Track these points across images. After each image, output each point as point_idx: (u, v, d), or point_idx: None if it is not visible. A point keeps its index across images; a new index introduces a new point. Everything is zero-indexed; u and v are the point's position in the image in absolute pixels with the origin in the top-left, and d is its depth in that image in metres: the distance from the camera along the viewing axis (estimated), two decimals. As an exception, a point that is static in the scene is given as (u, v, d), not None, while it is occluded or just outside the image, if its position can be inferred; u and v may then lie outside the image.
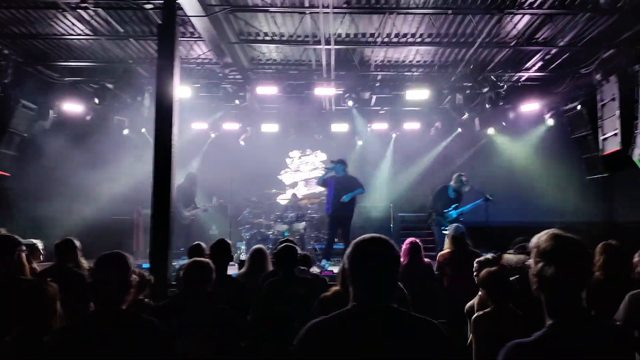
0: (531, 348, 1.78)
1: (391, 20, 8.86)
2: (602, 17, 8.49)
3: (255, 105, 12.84)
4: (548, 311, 1.87)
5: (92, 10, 8.67)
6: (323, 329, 1.88)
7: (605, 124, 8.95)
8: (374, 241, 1.96)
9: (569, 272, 1.82)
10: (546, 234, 1.92)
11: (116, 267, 2.50)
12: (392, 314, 1.89)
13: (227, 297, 3.94)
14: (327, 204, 9.41)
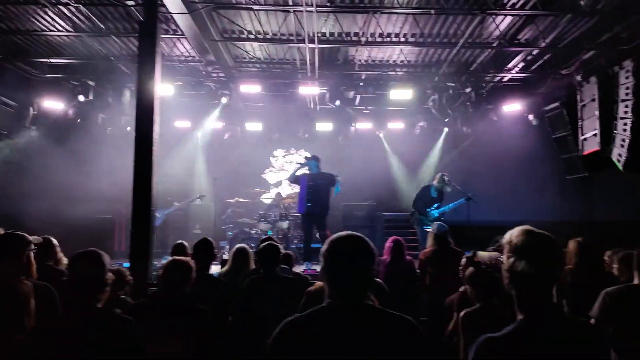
0: (501, 342, 1.80)
1: (375, 19, 8.88)
2: (583, 19, 8.60)
3: (240, 104, 12.79)
4: (519, 306, 1.89)
5: (73, 7, 8.58)
6: (297, 327, 1.87)
7: (585, 124, 9.07)
8: (350, 239, 1.95)
9: (540, 267, 1.84)
10: (518, 230, 1.94)
11: (91, 265, 2.47)
12: (367, 311, 1.88)
13: (208, 296, 3.91)
14: (300, 201, 8.98)
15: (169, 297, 3.23)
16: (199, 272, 3.94)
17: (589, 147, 8.95)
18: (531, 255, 1.86)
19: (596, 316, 3.48)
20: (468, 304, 3.67)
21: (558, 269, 1.89)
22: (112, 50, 10.51)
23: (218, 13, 8.96)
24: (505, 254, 1.97)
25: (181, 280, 3.33)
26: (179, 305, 3.17)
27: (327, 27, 9.37)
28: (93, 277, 2.44)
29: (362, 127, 13.46)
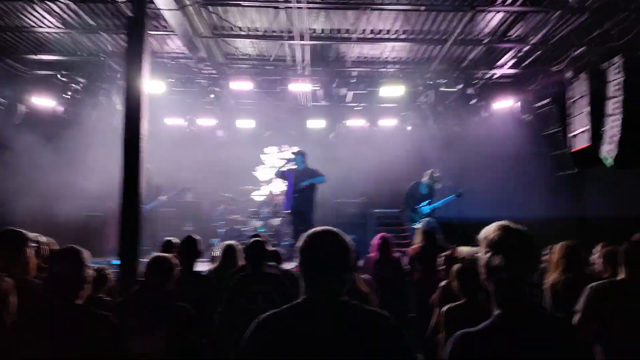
0: (477, 337, 1.81)
1: (366, 16, 8.86)
2: (573, 16, 8.60)
3: (231, 101, 12.77)
4: (495, 301, 1.89)
5: (62, 3, 8.52)
6: (272, 322, 1.86)
7: (575, 120, 9.10)
8: (325, 234, 1.94)
9: (515, 262, 1.84)
10: (494, 226, 1.95)
11: (70, 261, 2.45)
12: (342, 307, 1.87)
13: (193, 293, 3.90)
14: (286, 198, 8.93)
15: (151, 294, 3.21)
16: (184, 269, 3.93)
17: (579, 144, 8.98)
18: (507, 250, 1.86)
19: (581, 311, 3.49)
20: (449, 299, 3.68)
21: (533, 264, 1.90)
22: (103, 46, 10.44)
23: (208, 9, 8.91)
24: (482, 249, 1.98)
25: (163, 278, 3.31)
26: (160, 302, 3.15)
27: (317, 23, 9.35)
28: (72, 273, 2.43)
29: (354, 124, 13.45)
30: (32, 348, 2.29)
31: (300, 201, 8.65)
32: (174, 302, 3.25)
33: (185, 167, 12.52)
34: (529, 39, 9.54)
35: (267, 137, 14.03)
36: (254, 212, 11.04)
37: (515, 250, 1.86)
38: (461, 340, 1.83)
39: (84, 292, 2.48)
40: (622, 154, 7.62)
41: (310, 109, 13.11)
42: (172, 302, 3.24)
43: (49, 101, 11.37)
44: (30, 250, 3.22)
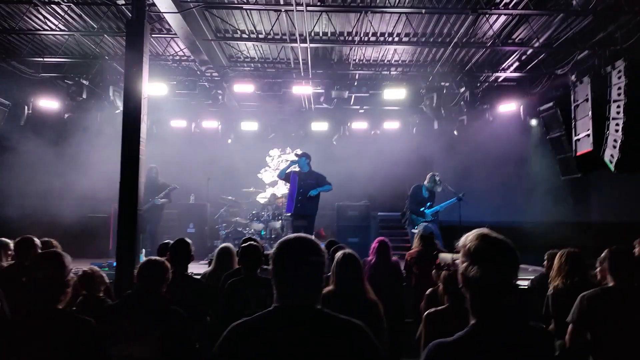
0: (452, 347, 1.78)
1: (367, 19, 8.86)
2: (576, 19, 8.57)
3: (234, 104, 12.80)
4: (472, 310, 1.86)
5: (65, 5, 8.60)
6: (244, 330, 1.84)
7: (579, 124, 9.02)
8: (298, 242, 1.92)
9: (492, 273, 1.80)
10: (474, 234, 1.90)
11: (51, 266, 2.45)
12: (315, 316, 1.85)
13: (186, 297, 3.88)
14: (289, 201, 8.82)
15: (143, 298, 3.20)
16: (176, 272, 3.92)
17: (582, 148, 8.90)
18: (484, 261, 1.81)
19: (573, 322, 3.45)
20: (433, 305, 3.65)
21: (511, 275, 1.85)
22: (106, 49, 10.52)
23: (211, 12, 8.95)
24: (460, 257, 1.95)
25: (156, 281, 3.29)
26: (152, 306, 3.14)
27: (320, 26, 9.35)
28: (53, 278, 2.42)
29: (358, 126, 13.43)
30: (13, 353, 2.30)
31: (303, 204, 8.59)
32: (167, 306, 3.23)
33: (189, 169, 12.57)
34: (533, 42, 9.49)
35: (270, 140, 14.05)
36: (256, 214, 11.04)
37: (493, 260, 1.81)
38: (435, 351, 1.80)
39: (65, 296, 2.49)
40: (624, 158, 7.54)
41: (313, 111, 13.12)
42: (165, 306, 3.22)
43: (54, 103, 11.47)
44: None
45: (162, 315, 3.13)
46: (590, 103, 8.57)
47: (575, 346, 3.40)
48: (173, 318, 3.15)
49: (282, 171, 9.06)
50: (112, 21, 9.29)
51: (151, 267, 3.38)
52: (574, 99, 9.21)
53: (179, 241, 4.50)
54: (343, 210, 11.99)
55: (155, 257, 3.59)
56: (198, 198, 12.31)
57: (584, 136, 8.79)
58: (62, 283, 2.46)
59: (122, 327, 2.95)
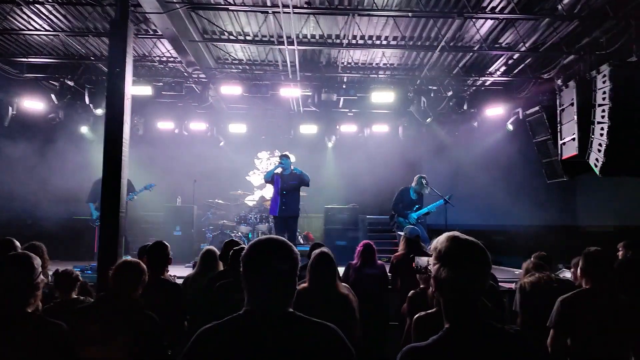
0: (425, 352, 1.75)
1: (355, 21, 8.84)
2: (562, 23, 8.61)
3: (222, 105, 12.74)
4: (445, 315, 1.84)
5: (50, 5, 8.51)
6: (212, 335, 1.80)
7: (564, 128, 9.05)
8: (270, 243, 1.89)
9: (462, 274, 1.79)
10: (444, 236, 1.89)
11: (19, 268, 2.40)
12: (286, 319, 1.82)
13: (161, 301, 3.82)
14: (274, 203, 8.80)
15: (115, 300, 3.14)
16: (152, 276, 3.86)
17: (568, 152, 8.93)
18: (455, 262, 1.81)
19: (553, 325, 3.44)
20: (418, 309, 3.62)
21: (482, 277, 1.83)
22: (93, 50, 10.43)
23: (197, 13, 8.90)
24: (432, 260, 1.93)
25: (129, 283, 3.24)
26: (124, 308, 3.08)
27: (307, 29, 9.33)
28: (21, 281, 2.37)
29: (346, 129, 13.42)
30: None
31: (287, 206, 8.60)
32: (139, 309, 3.17)
33: (175, 171, 12.49)
34: (519, 47, 9.55)
35: (259, 142, 14.02)
36: (243, 217, 10.98)
37: (464, 262, 1.80)
38: (408, 355, 1.78)
39: (35, 300, 2.43)
40: (609, 162, 7.57)
41: (301, 114, 13.09)
42: (137, 309, 3.16)
43: (38, 104, 11.34)
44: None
45: (133, 319, 3.08)
46: (575, 107, 8.61)
47: (557, 351, 3.40)
48: (144, 322, 3.10)
49: (268, 173, 9.04)
50: (97, 22, 9.21)
51: (124, 268, 3.32)
52: (560, 103, 9.26)
53: (155, 244, 4.44)
54: (331, 213, 11.97)
55: (130, 259, 3.51)
56: (185, 200, 12.23)
57: (570, 140, 8.83)
58: (32, 285, 2.40)
59: (92, 330, 2.89)
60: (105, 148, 6.13)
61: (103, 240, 6.02)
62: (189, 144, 13.35)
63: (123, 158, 6.14)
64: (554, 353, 3.35)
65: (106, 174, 6.12)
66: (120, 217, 6.07)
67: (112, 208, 6.01)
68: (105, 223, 6.03)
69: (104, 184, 6.10)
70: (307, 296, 3.70)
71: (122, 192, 6.14)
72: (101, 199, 6.12)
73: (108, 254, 5.92)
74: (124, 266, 3.32)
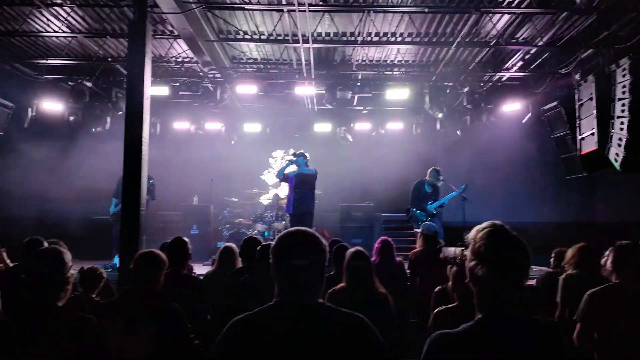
0: (455, 338, 1.75)
1: (370, 19, 8.83)
2: (580, 17, 8.52)
3: (237, 105, 12.80)
4: (478, 305, 1.82)
5: (68, 7, 8.61)
6: (245, 325, 1.82)
7: (583, 123, 8.97)
8: (297, 235, 1.91)
9: (501, 275, 1.75)
10: (484, 230, 1.82)
11: (51, 263, 2.43)
12: (316, 310, 1.84)
13: (184, 296, 3.85)
14: (288, 202, 8.87)
15: (139, 294, 3.16)
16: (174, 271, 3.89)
17: (587, 147, 8.85)
18: (493, 262, 1.75)
19: (580, 319, 3.41)
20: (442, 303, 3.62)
21: (522, 276, 1.79)
22: (110, 51, 10.54)
23: (213, 13, 8.95)
24: (468, 253, 1.89)
25: (152, 274, 3.23)
26: (148, 301, 3.10)
27: (322, 26, 9.34)
28: (52, 275, 2.41)
29: (361, 127, 13.40)
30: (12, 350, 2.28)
31: (301, 203, 8.63)
32: (162, 301, 3.17)
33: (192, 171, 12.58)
34: (536, 41, 9.46)
35: (273, 141, 14.05)
36: (259, 215, 11.03)
37: (503, 263, 1.75)
38: (437, 341, 1.77)
39: (65, 294, 2.47)
40: (629, 157, 7.48)
41: (316, 112, 13.11)
42: (160, 301, 3.16)
43: (57, 105, 11.47)
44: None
45: (157, 310, 3.09)
46: (594, 102, 8.53)
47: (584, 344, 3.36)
48: (168, 313, 3.11)
49: (280, 171, 9.08)
50: (115, 23, 9.31)
51: (146, 259, 3.31)
52: (578, 98, 9.17)
53: (175, 240, 4.47)
54: (346, 211, 11.97)
55: (149, 250, 3.48)
56: (201, 199, 12.31)
57: (589, 135, 8.75)
58: (62, 280, 2.44)
59: (118, 323, 2.92)
60: (126, 148, 6.23)
61: (124, 238, 6.10)
62: (205, 144, 13.42)
63: (143, 157, 6.22)
64: (581, 347, 3.32)
65: (126, 173, 6.20)
66: (141, 215, 6.14)
67: (132, 206, 6.10)
68: (126, 221, 6.11)
69: (124, 183, 6.19)
70: (345, 296, 3.71)
71: (143, 190, 6.22)
72: (122, 197, 6.21)
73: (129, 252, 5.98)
74: (143, 257, 3.31)
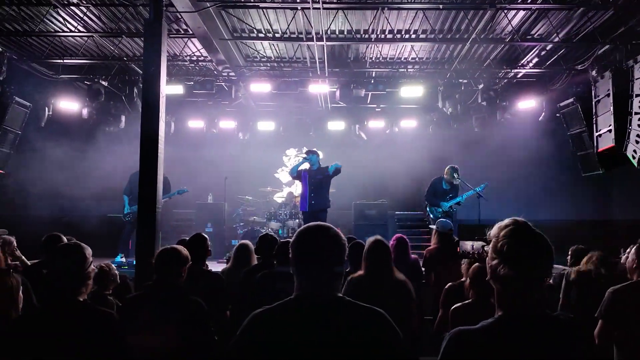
0: (474, 335, 1.73)
1: (384, 15, 8.81)
2: (597, 13, 8.44)
3: (251, 103, 12.84)
4: (498, 303, 1.81)
5: (84, 7, 8.70)
6: (265, 318, 1.84)
7: (600, 120, 8.88)
8: (317, 229, 1.92)
9: (523, 274, 1.73)
10: (507, 228, 1.78)
11: (72, 258, 2.46)
12: (336, 303, 1.84)
13: (204, 291, 3.88)
14: (303, 199, 8.87)
15: (161, 287, 3.16)
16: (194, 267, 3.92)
17: (604, 144, 8.75)
18: (516, 262, 1.73)
19: (602, 316, 3.36)
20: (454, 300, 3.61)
21: (544, 275, 1.77)
22: (126, 50, 10.63)
23: (227, 12, 8.99)
24: (489, 251, 1.87)
25: (174, 268, 3.24)
26: (172, 296, 3.11)
27: (336, 24, 9.34)
28: (74, 269, 2.43)
29: (374, 125, 13.37)
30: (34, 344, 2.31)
31: (316, 200, 8.63)
32: (185, 295, 3.19)
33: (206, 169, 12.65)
34: (552, 37, 9.37)
35: (287, 139, 14.08)
36: (273, 213, 11.06)
37: (526, 263, 1.73)
38: (456, 337, 1.76)
39: (86, 288, 2.50)
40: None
41: (329, 110, 13.10)
42: (183, 295, 3.17)
43: (73, 104, 11.59)
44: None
45: (181, 305, 3.10)
46: (611, 98, 8.44)
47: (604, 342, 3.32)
48: (191, 307, 3.12)
49: (293, 168, 9.08)
50: (130, 22, 9.39)
51: (168, 254, 3.31)
52: (595, 95, 9.07)
53: (195, 236, 4.50)
54: (360, 209, 11.95)
55: (172, 246, 3.48)
56: (215, 198, 12.37)
57: (606, 132, 8.65)
58: (83, 275, 2.47)
59: (141, 317, 2.94)
60: (142, 146, 6.26)
61: (140, 235, 6.14)
62: (219, 142, 13.49)
63: (159, 155, 6.26)
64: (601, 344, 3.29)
65: (143, 172, 6.24)
66: (157, 213, 6.18)
67: (148, 204, 6.13)
68: (142, 219, 6.15)
69: (141, 181, 6.23)
70: (363, 284, 3.73)
71: (158, 188, 6.25)
72: (138, 195, 6.25)
73: (145, 249, 6.04)
74: (165, 252, 3.31)
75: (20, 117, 11.00)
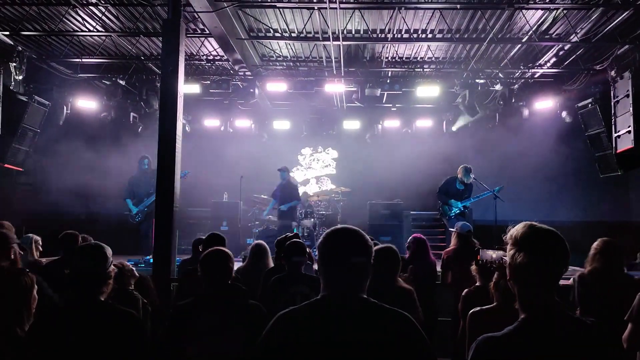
0: (501, 342, 1.73)
1: (401, 15, 8.79)
2: (616, 12, 8.32)
3: (267, 102, 12.88)
4: (521, 305, 1.82)
5: (103, 7, 8.79)
6: (291, 319, 1.85)
7: (619, 121, 8.78)
8: (345, 232, 1.93)
9: (538, 259, 1.76)
10: (522, 224, 1.86)
11: (93, 258, 2.49)
12: (361, 305, 1.85)
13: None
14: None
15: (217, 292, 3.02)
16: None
17: (623, 145, 8.65)
18: (531, 246, 1.78)
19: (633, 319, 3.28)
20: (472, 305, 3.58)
21: (560, 264, 1.80)
22: (143, 50, 10.71)
23: (244, 12, 9.03)
24: (507, 248, 1.90)
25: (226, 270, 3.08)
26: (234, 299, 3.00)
27: (352, 24, 9.33)
28: (95, 269, 2.46)
29: (390, 125, 13.34)
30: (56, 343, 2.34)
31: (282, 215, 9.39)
32: (247, 299, 3.05)
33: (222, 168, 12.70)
34: (570, 37, 9.27)
35: (302, 138, 14.10)
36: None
37: (541, 247, 1.77)
38: (483, 345, 1.76)
39: (107, 288, 2.52)
40: (668, 156, 7.31)
41: (345, 109, 13.10)
42: (246, 299, 3.04)
43: (91, 103, 11.71)
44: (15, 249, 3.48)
45: (244, 309, 2.99)
46: (631, 99, 8.35)
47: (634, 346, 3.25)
48: (254, 312, 3.00)
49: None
50: (147, 22, 9.46)
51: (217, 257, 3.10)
52: (614, 95, 8.97)
53: (211, 236, 4.49)
54: (375, 208, 11.91)
55: (215, 247, 3.26)
56: (231, 196, 12.42)
57: (625, 133, 8.55)
58: (104, 275, 2.49)
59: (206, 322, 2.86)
60: (160, 144, 6.32)
61: (158, 233, 6.20)
62: (235, 141, 13.54)
63: (177, 154, 6.31)
64: (630, 348, 3.23)
65: (160, 170, 6.29)
66: (175, 210, 6.23)
67: (166, 202, 6.19)
68: (160, 217, 6.20)
69: (159, 179, 6.28)
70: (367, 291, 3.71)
71: (176, 187, 6.30)
72: (156, 193, 6.31)
73: (163, 248, 6.10)
74: (213, 255, 3.11)
75: (39, 116, 11.15)
